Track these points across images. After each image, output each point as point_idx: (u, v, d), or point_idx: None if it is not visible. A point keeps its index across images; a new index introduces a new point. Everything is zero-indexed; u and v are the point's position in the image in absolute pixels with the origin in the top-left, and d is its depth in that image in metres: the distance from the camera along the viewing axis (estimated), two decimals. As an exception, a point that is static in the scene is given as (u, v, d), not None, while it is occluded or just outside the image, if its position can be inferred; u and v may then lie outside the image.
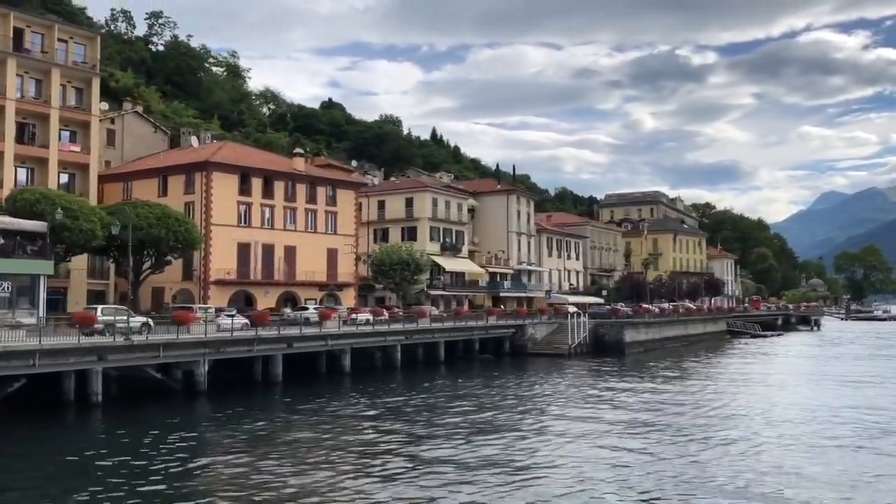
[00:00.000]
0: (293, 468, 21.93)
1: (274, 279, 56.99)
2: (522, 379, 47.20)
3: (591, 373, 51.63)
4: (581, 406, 35.07)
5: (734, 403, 35.65)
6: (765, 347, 76.20)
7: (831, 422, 30.22)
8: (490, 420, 30.79)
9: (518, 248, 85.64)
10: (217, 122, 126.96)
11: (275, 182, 57.75)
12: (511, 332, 60.81)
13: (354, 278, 63.03)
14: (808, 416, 31.69)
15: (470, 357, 57.43)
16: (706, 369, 53.29)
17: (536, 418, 31.43)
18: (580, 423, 29.75)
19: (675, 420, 30.54)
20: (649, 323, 70.56)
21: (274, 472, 21.29)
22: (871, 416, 31.70)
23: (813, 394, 40.12)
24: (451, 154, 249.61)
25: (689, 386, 43.23)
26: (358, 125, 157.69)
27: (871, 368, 54.46)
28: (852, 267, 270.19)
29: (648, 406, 34.81)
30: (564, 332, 62.93)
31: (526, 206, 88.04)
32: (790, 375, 49.77)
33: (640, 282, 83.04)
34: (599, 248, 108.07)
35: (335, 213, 61.84)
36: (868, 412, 32.69)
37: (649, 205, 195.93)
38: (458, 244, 74.69)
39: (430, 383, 43.64)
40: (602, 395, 39.71)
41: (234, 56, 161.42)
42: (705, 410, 33.18)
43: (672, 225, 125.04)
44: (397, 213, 71.97)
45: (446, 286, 72.07)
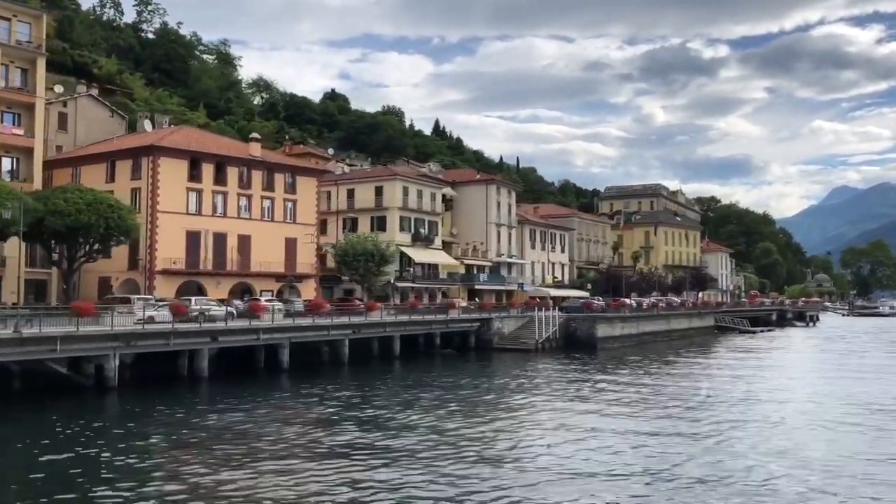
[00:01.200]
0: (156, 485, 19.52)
1: (226, 269, 54.68)
2: (476, 376, 44.80)
3: (553, 369, 49.09)
4: (523, 408, 32.51)
5: (684, 407, 33.06)
6: (750, 343, 73.34)
7: (789, 433, 27.60)
8: (413, 425, 28.32)
9: (498, 240, 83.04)
10: (203, 110, 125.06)
11: (228, 168, 55.37)
12: (476, 326, 58.31)
13: (315, 269, 60.64)
14: (753, 426, 29.10)
15: (431, 352, 55.04)
16: (674, 368, 50.60)
17: (459, 422, 28.94)
18: (519, 429, 27.29)
19: (619, 424, 28.03)
20: (625, 318, 67.85)
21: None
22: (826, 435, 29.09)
23: (769, 393, 37.47)
24: (453, 146, 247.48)
25: (650, 386, 40.64)
26: (350, 115, 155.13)
27: (846, 369, 51.79)
28: (859, 262, 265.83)
29: (591, 408, 32.31)
30: (534, 326, 60.44)
31: (507, 197, 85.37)
32: (757, 378, 47.03)
33: (617, 275, 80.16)
34: (587, 241, 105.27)
35: (294, 200, 59.43)
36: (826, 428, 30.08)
37: (649, 198, 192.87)
38: (430, 235, 72.16)
39: (375, 380, 41.30)
40: (553, 394, 37.22)
41: (226, 44, 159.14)
42: (654, 415, 30.58)
43: (664, 218, 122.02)
44: (367, 202, 69.49)
45: (417, 278, 69.57)
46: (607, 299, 71.38)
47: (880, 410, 32.12)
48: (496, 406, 32.85)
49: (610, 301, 69.30)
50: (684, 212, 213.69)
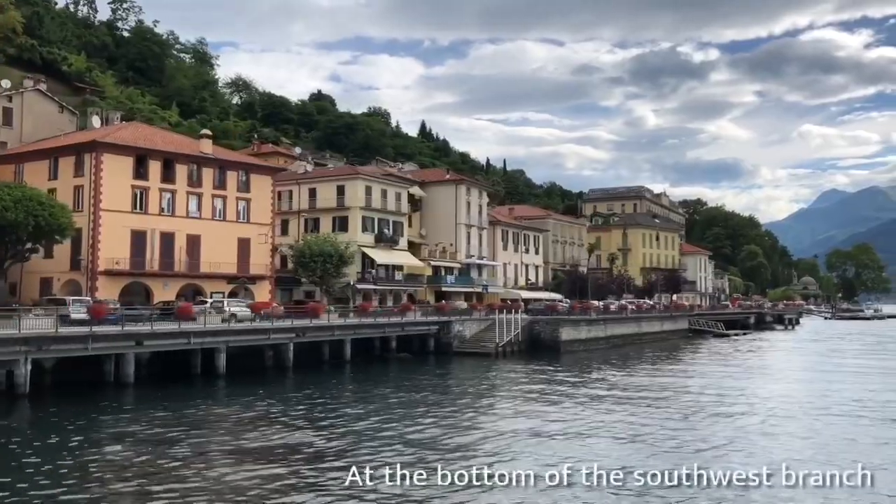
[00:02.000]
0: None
1: (174, 270, 52.72)
2: (422, 382, 43.08)
3: (506, 376, 47.54)
4: (455, 418, 30.83)
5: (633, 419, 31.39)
6: (721, 347, 71.90)
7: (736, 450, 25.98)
8: (338, 434, 26.60)
9: (468, 241, 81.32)
10: (175, 109, 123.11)
11: (177, 165, 53.44)
12: (435, 330, 56.58)
13: (270, 270, 58.77)
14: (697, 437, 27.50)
15: (387, 356, 53.33)
16: (633, 375, 49.01)
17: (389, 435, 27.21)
18: (447, 441, 25.58)
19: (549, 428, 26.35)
20: (592, 321, 66.29)
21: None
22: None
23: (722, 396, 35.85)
24: (440, 147, 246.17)
25: (599, 398, 38.99)
26: (328, 115, 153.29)
27: (806, 372, 50.42)
28: (844, 265, 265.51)
29: (537, 419, 30.64)
30: (501, 329, 58.77)
31: (478, 198, 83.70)
32: (716, 384, 45.46)
33: (583, 277, 78.55)
34: (562, 243, 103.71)
35: (248, 199, 57.54)
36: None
37: (633, 200, 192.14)
38: (395, 236, 70.38)
39: (316, 386, 39.53)
40: (493, 402, 35.61)
41: (203, 44, 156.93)
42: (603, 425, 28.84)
43: (642, 220, 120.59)
44: (328, 201, 67.67)
45: (380, 280, 67.79)
46: (575, 302, 69.73)
47: (827, 413, 30.66)
48: (430, 415, 31.15)
49: (575, 303, 67.63)
50: (668, 214, 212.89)
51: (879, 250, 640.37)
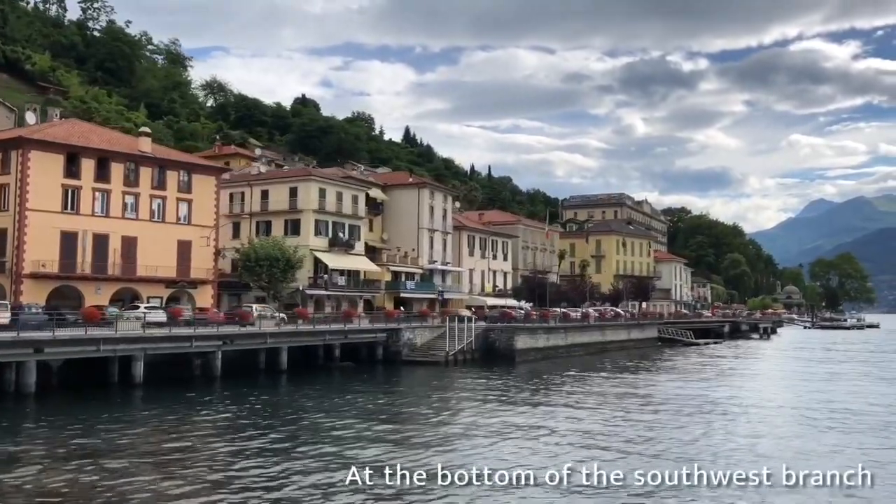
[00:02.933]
0: None
1: (107, 274, 50.39)
2: (355, 392, 40.88)
3: (452, 385, 45.56)
4: (380, 433, 28.58)
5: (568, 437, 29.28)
6: (688, 357, 69.98)
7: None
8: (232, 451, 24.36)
9: (430, 246, 79.21)
10: (143, 110, 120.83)
11: (112, 164, 51.14)
12: (383, 338, 54.39)
13: (213, 275, 56.46)
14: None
15: (330, 365, 51.07)
16: (589, 388, 46.91)
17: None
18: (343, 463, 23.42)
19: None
20: (551, 329, 64.29)
21: None
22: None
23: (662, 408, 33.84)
24: (423, 153, 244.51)
25: (550, 404, 36.92)
26: (302, 118, 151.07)
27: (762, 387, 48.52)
28: (828, 275, 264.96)
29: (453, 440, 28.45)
30: (450, 337, 56.68)
31: (442, 202, 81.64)
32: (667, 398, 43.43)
33: (542, 283, 76.55)
34: (533, 249, 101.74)
35: (189, 200, 55.26)
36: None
37: (613, 207, 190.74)
38: (351, 240, 68.18)
39: (240, 397, 37.31)
40: (415, 414, 33.38)
41: (176, 45, 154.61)
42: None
43: (617, 226, 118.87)
44: (280, 203, 65.42)
45: (334, 286, 65.56)
46: (532, 309, 67.72)
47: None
48: (349, 431, 28.85)
49: (532, 311, 65.63)
50: (649, 222, 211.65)
51: (866, 260, 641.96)
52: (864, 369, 61.18)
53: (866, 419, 32.98)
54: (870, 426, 31.10)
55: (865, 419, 32.97)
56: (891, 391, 45.35)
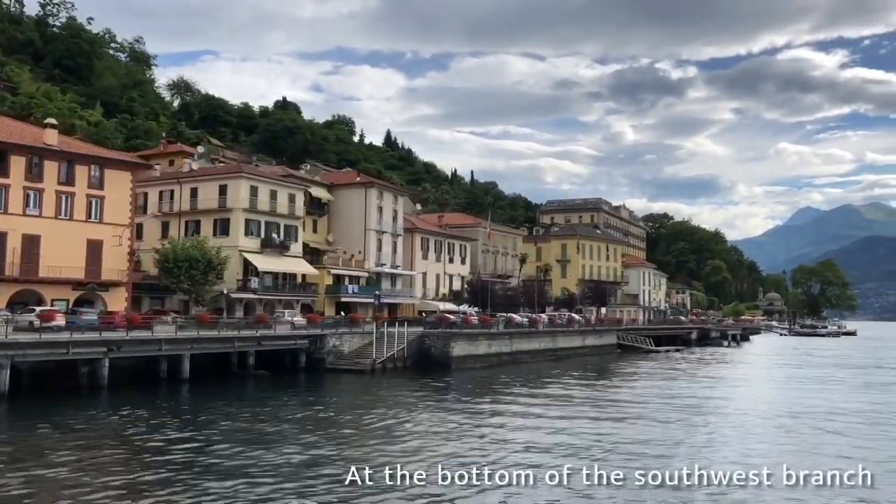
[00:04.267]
0: None
1: (5, 274, 46.93)
2: (260, 403, 37.70)
3: (370, 395, 42.49)
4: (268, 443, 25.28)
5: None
6: (642, 365, 66.93)
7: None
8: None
9: (379, 249, 76.01)
10: (99, 108, 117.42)
11: (11, 157, 47.64)
12: (305, 345, 51.08)
13: (127, 276, 53.00)
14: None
15: (244, 374, 47.73)
16: (512, 399, 43.79)
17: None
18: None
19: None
20: (493, 334, 61.12)
21: None
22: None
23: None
24: (403, 157, 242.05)
25: (468, 416, 33.73)
26: (268, 118, 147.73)
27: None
28: (809, 281, 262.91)
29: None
30: (382, 343, 53.50)
31: (392, 203, 78.47)
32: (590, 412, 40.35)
33: (485, 287, 73.33)
34: (494, 252, 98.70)
35: (101, 197, 51.78)
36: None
37: (590, 212, 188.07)
38: (287, 241, 64.90)
39: (111, 410, 33.96)
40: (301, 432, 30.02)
41: (139, 42, 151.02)
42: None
43: (584, 231, 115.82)
44: (210, 202, 62.08)
45: (268, 289, 62.24)
46: (469, 314, 64.53)
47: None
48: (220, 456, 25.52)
49: (467, 316, 62.44)
50: (627, 227, 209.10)
51: (853, 267, 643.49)
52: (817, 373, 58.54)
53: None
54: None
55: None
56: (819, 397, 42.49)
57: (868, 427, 32.94)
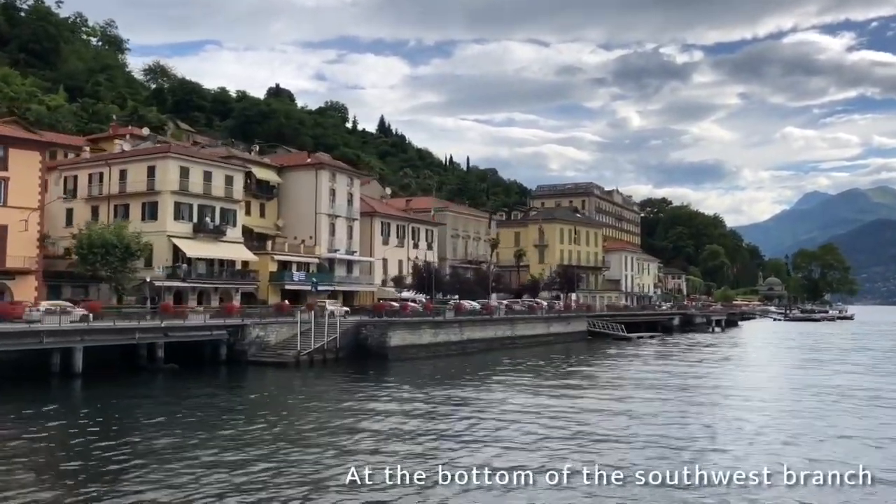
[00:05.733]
0: None
1: None
2: (152, 401, 34.08)
3: (285, 391, 38.89)
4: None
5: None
6: (594, 356, 63.09)
7: None
8: None
9: (331, 234, 72.25)
10: (63, 93, 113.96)
11: None
12: (225, 336, 47.41)
13: (37, 264, 49.44)
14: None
15: (153, 368, 44.09)
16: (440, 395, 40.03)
17: None
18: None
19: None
20: (440, 323, 57.35)
21: None
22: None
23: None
24: (396, 143, 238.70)
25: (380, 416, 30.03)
26: (244, 102, 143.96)
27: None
28: (810, 266, 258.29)
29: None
30: (305, 334, 49.77)
31: (346, 185, 74.60)
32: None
33: (430, 272, 69.36)
34: (465, 238, 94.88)
35: (6, 179, 48.20)
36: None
37: (581, 196, 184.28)
38: (223, 225, 61.17)
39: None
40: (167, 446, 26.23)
41: (111, 26, 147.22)
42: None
43: (561, 214, 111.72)
44: (139, 184, 58.35)
45: (200, 276, 58.60)
46: (407, 302, 60.74)
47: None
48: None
49: (405, 303, 58.69)
50: (620, 212, 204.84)
51: (860, 251, 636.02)
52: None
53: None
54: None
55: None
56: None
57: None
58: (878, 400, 35.97)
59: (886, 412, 32.43)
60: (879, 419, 30.46)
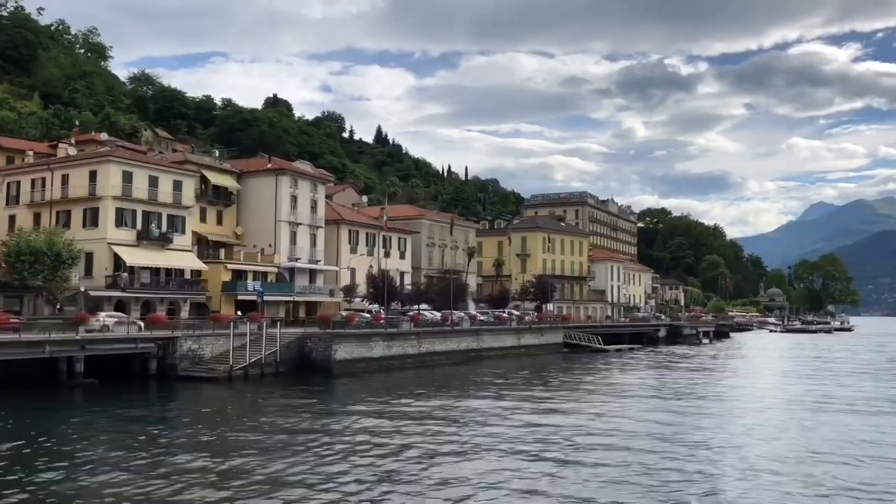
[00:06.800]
0: None
1: None
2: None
3: (203, 411, 35.77)
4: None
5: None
6: (562, 369, 59.99)
7: None
8: None
9: (293, 242, 69.38)
10: (38, 100, 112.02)
11: None
12: (151, 348, 44.48)
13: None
14: None
15: (72, 383, 41.18)
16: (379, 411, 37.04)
17: None
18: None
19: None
20: (394, 335, 54.33)
21: None
22: None
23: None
24: (393, 153, 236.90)
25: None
26: (226, 111, 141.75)
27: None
28: (811, 276, 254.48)
29: None
30: (239, 347, 46.83)
31: (310, 191, 71.70)
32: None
33: (390, 282, 66.15)
34: (441, 246, 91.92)
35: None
36: None
37: (574, 206, 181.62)
38: (170, 233, 58.37)
39: None
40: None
41: (94, 33, 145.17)
42: None
43: (544, 223, 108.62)
44: (80, 189, 55.67)
45: (144, 286, 55.76)
46: (378, 312, 57.69)
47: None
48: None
49: (350, 315, 55.70)
50: (616, 222, 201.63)
51: (867, 262, 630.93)
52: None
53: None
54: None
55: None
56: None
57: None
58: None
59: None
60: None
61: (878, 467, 23.09)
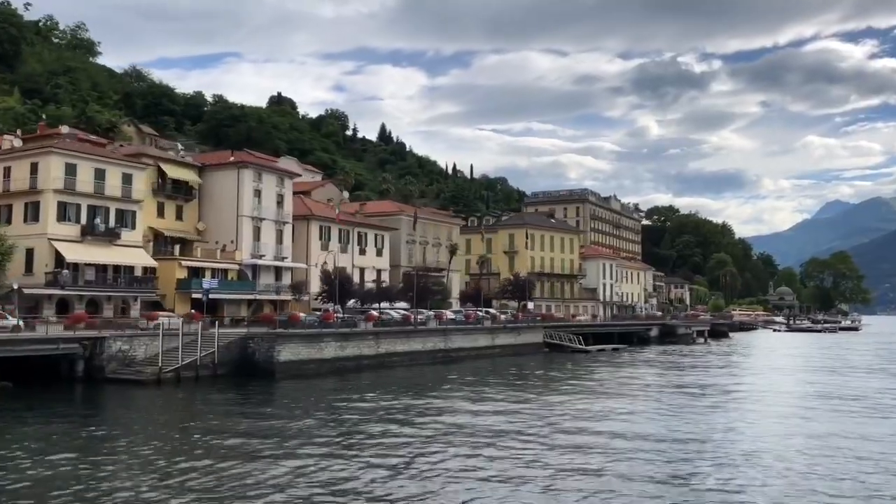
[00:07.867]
0: None
1: None
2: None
3: (99, 419, 32.82)
4: None
5: None
6: (529, 372, 56.77)
7: None
8: None
9: (256, 238, 66.58)
10: (18, 95, 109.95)
11: None
12: (76, 349, 41.76)
13: None
14: None
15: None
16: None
17: None
18: None
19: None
20: (347, 335, 51.34)
21: None
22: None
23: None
24: (396, 150, 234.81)
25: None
26: (215, 106, 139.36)
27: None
28: (821, 275, 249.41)
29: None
30: (195, 347, 44.11)
31: (275, 186, 68.89)
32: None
33: (345, 280, 62.92)
34: (423, 244, 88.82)
35: None
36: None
37: (576, 203, 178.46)
38: (118, 228, 55.64)
39: None
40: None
41: (82, 28, 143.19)
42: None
43: (532, 220, 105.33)
44: (21, 182, 53.12)
45: (89, 283, 53.07)
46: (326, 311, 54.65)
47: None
48: None
49: (295, 314, 52.71)
50: (619, 219, 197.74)
51: (883, 261, 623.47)
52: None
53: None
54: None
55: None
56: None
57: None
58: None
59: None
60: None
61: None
